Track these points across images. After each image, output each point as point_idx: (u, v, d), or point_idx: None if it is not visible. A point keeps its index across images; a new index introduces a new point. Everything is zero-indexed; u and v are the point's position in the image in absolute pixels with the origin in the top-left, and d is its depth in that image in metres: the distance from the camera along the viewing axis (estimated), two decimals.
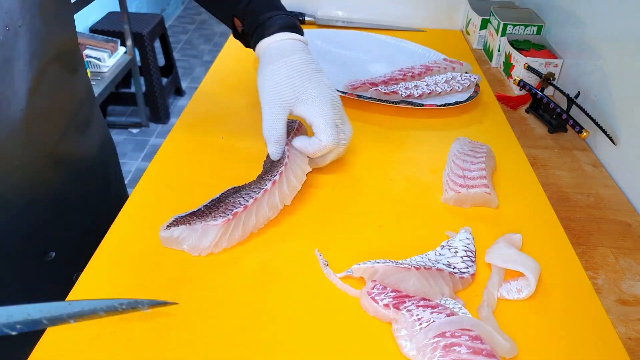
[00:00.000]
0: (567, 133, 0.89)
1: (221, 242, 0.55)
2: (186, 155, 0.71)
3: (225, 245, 0.56)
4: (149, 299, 0.42)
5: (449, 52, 1.05)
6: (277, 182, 0.59)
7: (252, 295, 0.51)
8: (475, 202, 0.65)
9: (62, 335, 0.46)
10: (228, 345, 0.46)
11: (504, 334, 0.47)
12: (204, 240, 0.54)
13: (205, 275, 0.53)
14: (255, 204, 0.57)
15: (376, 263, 0.52)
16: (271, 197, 0.59)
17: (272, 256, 0.56)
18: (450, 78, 0.92)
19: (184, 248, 0.55)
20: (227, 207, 0.56)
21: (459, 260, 0.55)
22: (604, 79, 0.86)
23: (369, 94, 0.85)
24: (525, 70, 0.97)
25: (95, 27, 2.54)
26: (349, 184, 0.68)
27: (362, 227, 0.61)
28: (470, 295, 0.53)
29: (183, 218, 0.55)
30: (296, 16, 1.20)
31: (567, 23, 1.01)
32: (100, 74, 2.23)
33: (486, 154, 0.70)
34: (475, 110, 0.90)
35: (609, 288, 0.59)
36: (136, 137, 2.65)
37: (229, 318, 0.48)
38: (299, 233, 0.59)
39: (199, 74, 3.38)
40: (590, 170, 0.80)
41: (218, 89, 0.90)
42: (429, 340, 0.45)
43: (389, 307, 0.48)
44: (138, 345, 0.45)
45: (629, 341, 0.52)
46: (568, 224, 0.68)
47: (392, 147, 0.77)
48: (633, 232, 0.68)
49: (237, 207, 0.56)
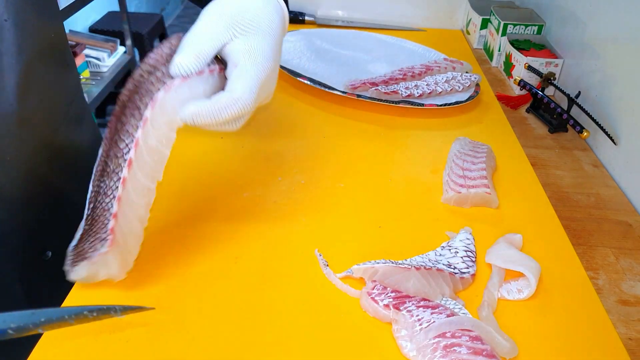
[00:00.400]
0: (567, 133, 0.89)
1: (127, 261, 0.48)
2: (185, 156, 0.71)
3: (135, 253, 0.48)
4: (122, 304, 0.40)
5: (450, 52, 1.04)
6: (132, 161, 0.44)
7: (252, 295, 0.51)
8: (476, 202, 0.64)
9: (62, 336, 0.46)
10: (228, 345, 0.46)
11: (504, 335, 0.47)
12: (112, 269, 0.46)
13: (205, 275, 0.53)
14: (121, 203, 0.44)
15: (376, 263, 0.52)
16: (134, 181, 0.45)
17: (272, 256, 0.56)
18: (451, 78, 0.92)
19: (104, 278, 0.47)
20: (102, 222, 0.45)
21: (459, 261, 0.55)
22: (604, 79, 0.86)
23: (369, 93, 0.85)
24: (526, 70, 0.97)
25: (94, 26, 2.54)
26: (349, 184, 0.68)
27: (362, 227, 0.61)
28: (471, 296, 0.53)
29: (78, 251, 0.46)
30: (296, 15, 1.21)
31: (567, 23, 1.01)
32: (100, 74, 2.23)
33: (486, 154, 0.70)
34: (476, 110, 0.89)
35: (610, 288, 0.59)
36: None
37: (229, 318, 0.48)
38: (299, 233, 0.59)
39: None
40: (591, 170, 0.80)
41: None
42: (429, 340, 0.45)
43: (389, 307, 0.48)
44: (138, 345, 0.45)
45: (630, 341, 0.52)
46: (568, 224, 0.68)
47: (392, 147, 0.77)
48: (634, 232, 0.67)
49: (109, 221, 0.44)
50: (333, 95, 0.87)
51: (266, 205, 0.63)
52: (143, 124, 0.43)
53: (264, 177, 0.67)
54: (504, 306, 0.52)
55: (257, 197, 0.64)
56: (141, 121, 0.43)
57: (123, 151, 0.44)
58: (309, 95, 0.89)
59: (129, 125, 0.44)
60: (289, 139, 0.74)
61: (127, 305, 0.41)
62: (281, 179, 0.67)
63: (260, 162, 0.68)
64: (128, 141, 0.44)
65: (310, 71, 0.94)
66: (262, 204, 0.63)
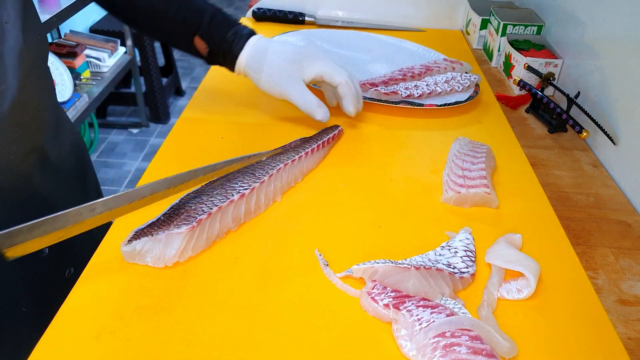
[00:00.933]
0: (567, 133, 0.89)
1: (186, 250, 0.53)
2: (186, 156, 0.71)
3: (191, 253, 0.54)
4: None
5: (449, 52, 1.05)
6: (245, 195, 0.58)
7: (252, 295, 0.51)
8: (475, 202, 0.65)
9: (62, 336, 0.46)
10: (228, 345, 0.46)
11: (504, 334, 0.47)
12: (169, 250, 0.52)
13: (205, 275, 0.53)
14: (220, 212, 0.56)
15: (376, 263, 0.52)
16: (236, 208, 0.58)
17: (272, 256, 0.56)
18: (450, 78, 0.92)
19: (147, 261, 0.53)
20: (189, 214, 0.54)
21: (459, 260, 0.55)
22: (604, 79, 0.86)
23: (369, 94, 0.85)
24: (525, 70, 0.97)
25: (95, 27, 2.54)
26: (349, 184, 0.68)
27: (362, 227, 0.61)
28: (471, 295, 0.53)
29: (144, 230, 0.53)
30: (296, 15, 1.21)
31: (567, 23, 1.01)
32: (101, 74, 2.23)
33: (486, 154, 0.70)
34: (475, 110, 0.90)
35: (609, 288, 0.59)
36: (136, 137, 2.65)
37: (229, 318, 0.48)
38: (299, 233, 0.59)
39: (199, 74, 3.38)
40: (590, 170, 0.80)
41: (218, 89, 0.90)
42: (428, 340, 0.45)
43: (389, 307, 0.48)
44: (138, 345, 0.45)
45: (629, 341, 0.52)
46: (568, 224, 0.68)
47: (392, 147, 0.77)
48: (633, 232, 0.68)
49: (201, 215, 0.54)
50: None
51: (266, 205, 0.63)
52: (283, 166, 0.63)
53: None
54: (504, 306, 0.52)
55: None
56: (281, 164, 0.64)
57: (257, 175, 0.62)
58: None
59: (270, 166, 0.63)
60: (289, 139, 0.74)
61: None
62: None
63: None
64: (265, 171, 0.62)
65: None
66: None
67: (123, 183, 2.31)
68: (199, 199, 0.57)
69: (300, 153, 0.66)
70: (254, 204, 0.60)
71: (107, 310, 0.48)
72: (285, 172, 0.64)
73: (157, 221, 0.54)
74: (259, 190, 0.60)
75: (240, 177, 0.61)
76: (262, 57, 0.70)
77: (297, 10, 1.25)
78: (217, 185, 0.60)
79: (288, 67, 0.70)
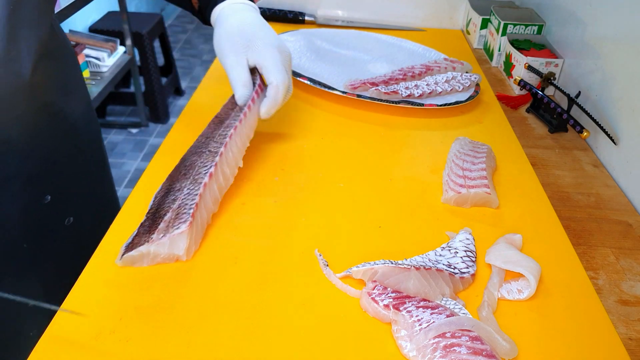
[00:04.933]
0: (567, 133, 0.89)
1: (190, 246, 0.54)
2: None
3: (195, 247, 0.55)
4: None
5: (449, 52, 1.04)
6: (212, 174, 0.57)
7: (252, 295, 0.51)
8: (476, 202, 0.64)
9: (62, 336, 0.46)
10: (228, 345, 0.46)
11: (504, 335, 0.47)
12: (177, 249, 0.53)
13: (205, 275, 0.53)
14: (202, 199, 0.55)
15: (376, 264, 0.52)
16: (211, 189, 0.57)
17: (272, 256, 0.56)
18: (451, 78, 0.92)
19: (159, 260, 0.53)
20: (180, 212, 0.54)
21: (459, 261, 0.55)
22: (604, 79, 0.86)
23: (369, 93, 0.85)
24: (526, 69, 0.97)
25: (94, 26, 2.54)
26: (349, 184, 0.68)
27: (362, 227, 0.61)
28: (471, 296, 0.53)
29: (133, 243, 0.53)
30: (296, 15, 1.20)
31: (567, 23, 1.01)
32: (100, 74, 2.23)
33: (486, 154, 0.70)
34: (476, 110, 0.89)
35: (610, 288, 0.59)
36: (135, 137, 2.65)
37: (229, 318, 0.48)
38: (299, 233, 0.59)
39: (198, 74, 3.38)
40: (591, 170, 0.80)
41: (217, 88, 0.90)
42: (428, 340, 0.45)
43: (389, 307, 0.48)
44: (138, 345, 0.45)
45: (630, 341, 0.52)
46: (568, 224, 0.68)
47: (392, 147, 0.77)
48: (634, 232, 0.67)
49: (190, 209, 0.54)
50: (333, 95, 0.87)
51: (266, 205, 0.63)
52: (234, 130, 0.62)
53: (263, 177, 0.67)
54: (504, 306, 0.52)
55: (257, 197, 0.64)
56: (231, 129, 0.62)
57: (213, 150, 0.60)
58: (309, 95, 0.89)
59: (220, 135, 0.62)
60: (289, 138, 0.74)
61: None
62: (280, 179, 0.67)
63: (260, 162, 0.68)
64: (218, 143, 0.61)
65: (310, 71, 0.94)
66: (262, 204, 0.63)
67: (122, 183, 2.31)
68: (173, 195, 0.57)
69: (244, 109, 0.64)
70: (222, 178, 0.60)
71: (106, 310, 0.48)
72: (237, 136, 0.63)
73: (140, 231, 0.54)
74: (220, 163, 0.59)
75: (197, 157, 0.61)
76: (228, 16, 0.68)
77: (297, 9, 1.25)
78: (180, 176, 0.59)
79: (238, 37, 0.67)
